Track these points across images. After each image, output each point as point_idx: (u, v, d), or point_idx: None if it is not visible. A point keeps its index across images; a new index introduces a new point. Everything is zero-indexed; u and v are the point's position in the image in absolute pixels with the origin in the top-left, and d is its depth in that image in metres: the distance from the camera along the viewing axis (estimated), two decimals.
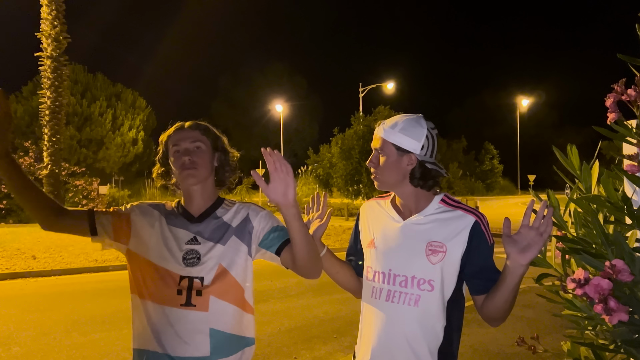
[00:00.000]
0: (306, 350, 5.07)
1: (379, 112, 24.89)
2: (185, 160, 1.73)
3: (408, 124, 1.65)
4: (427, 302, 1.57)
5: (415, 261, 1.59)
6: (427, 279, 1.57)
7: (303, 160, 30.71)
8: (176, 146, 1.76)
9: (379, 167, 1.67)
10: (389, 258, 1.64)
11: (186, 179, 1.74)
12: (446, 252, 1.57)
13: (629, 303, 1.00)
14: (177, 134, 1.79)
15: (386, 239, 1.67)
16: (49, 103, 17.55)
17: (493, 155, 62.50)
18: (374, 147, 1.70)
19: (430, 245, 1.58)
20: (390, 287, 1.61)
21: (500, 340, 5.26)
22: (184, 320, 1.65)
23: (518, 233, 1.40)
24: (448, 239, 1.58)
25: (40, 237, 14.53)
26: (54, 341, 5.34)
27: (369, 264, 1.71)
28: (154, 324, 1.69)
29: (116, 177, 34.44)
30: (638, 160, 1.12)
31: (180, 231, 1.75)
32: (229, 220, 1.79)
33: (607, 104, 1.16)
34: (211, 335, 1.66)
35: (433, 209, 1.64)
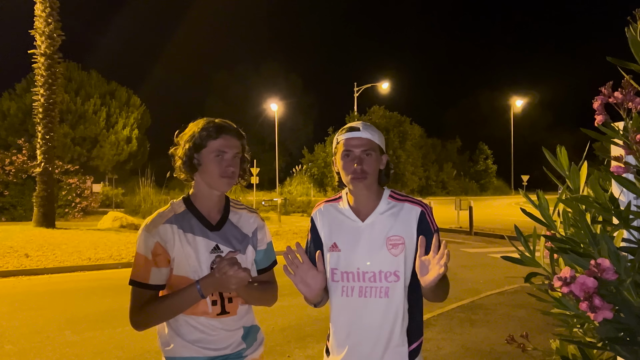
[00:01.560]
0: (299, 348, 5.08)
1: (374, 111, 24.96)
2: (230, 170, 1.79)
3: (372, 127, 1.80)
4: (394, 292, 1.72)
5: (380, 257, 1.73)
6: (392, 270, 1.72)
7: (298, 160, 30.78)
8: (222, 152, 1.79)
9: (370, 167, 1.74)
10: (355, 258, 1.75)
11: (222, 187, 1.81)
12: (405, 244, 1.73)
13: (614, 301, 1.02)
14: (225, 138, 1.80)
15: (349, 241, 1.77)
16: (43, 101, 17.45)
17: (487, 155, 62.77)
18: (358, 149, 1.74)
19: (390, 240, 1.73)
20: (361, 283, 1.74)
21: (491, 339, 5.30)
22: (222, 327, 1.81)
23: (425, 259, 1.60)
24: (403, 231, 1.74)
25: (33, 235, 14.48)
26: (47, 339, 5.33)
27: (333, 267, 1.78)
28: (191, 333, 1.79)
29: (110, 176, 34.31)
30: (624, 161, 1.15)
31: (203, 240, 1.79)
32: (244, 228, 1.90)
33: (594, 106, 1.18)
34: (243, 332, 1.88)
35: (385, 206, 1.78)
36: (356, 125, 1.79)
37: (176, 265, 1.77)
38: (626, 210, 1.15)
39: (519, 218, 1.47)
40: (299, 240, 14.53)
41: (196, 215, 1.82)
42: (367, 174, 1.73)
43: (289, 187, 39.93)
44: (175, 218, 1.80)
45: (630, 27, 1.20)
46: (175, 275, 1.77)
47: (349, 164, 1.74)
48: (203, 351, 1.78)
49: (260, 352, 1.97)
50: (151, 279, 1.73)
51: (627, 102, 1.12)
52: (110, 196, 28.68)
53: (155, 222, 1.77)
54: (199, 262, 1.76)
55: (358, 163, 1.72)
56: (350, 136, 1.76)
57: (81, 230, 16.71)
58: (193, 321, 1.78)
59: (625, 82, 1.13)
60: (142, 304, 1.73)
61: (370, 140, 1.75)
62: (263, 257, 1.95)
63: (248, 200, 27.87)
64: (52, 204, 17.94)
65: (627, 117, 1.14)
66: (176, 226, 1.77)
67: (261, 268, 1.96)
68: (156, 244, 1.74)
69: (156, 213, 1.83)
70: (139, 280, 1.74)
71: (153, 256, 1.74)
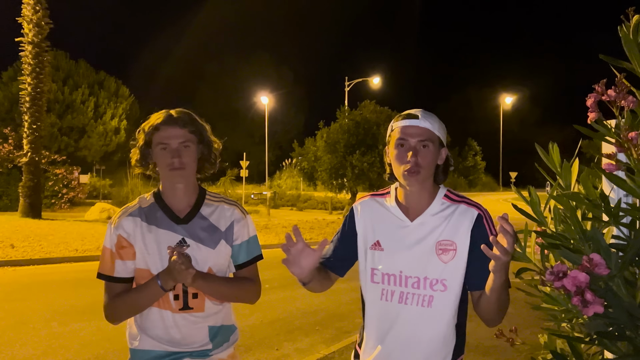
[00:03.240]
0: (288, 341, 5.10)
1: (365, 106, 24.92)
2: (174, 162, 1.72)
3: (434, 116, 1.62)
4: (440, 303, 1.56)
5: (427, 261, 1.57)
6: (439, 278, 1.56)
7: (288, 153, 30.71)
8: (164, 144, 1.73)
9: (425, 161, 1.56)
10: (399, 260, 1.60)
11: (173, 179, 1.75)
12: (456, 250, 1.56)
13: (605, 296, 1.04)
14: (166, 130, 1.74)
15: (395, 240, 1.62)
16: (30, 89, 17.22)
17: (476, 151, 63.11)
18: (415, 139, 1.56)
19: (440, 245, 1.56)
20: (402, 288, 1.58)
21: (479, 333, 5.34)
22: (183, 323, 1.76)
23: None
24: (456, 236, 1.56)
25: (19, 225, 14.33)
26: (33, 330, 5.29)
27: (373, 266, 1.64)
28: (154, 327, 1.76)
29: (98, 166, 34.03)
30: (616, 159, 1.16)
31: (167, 233, 1.75)
32: (216, 222, 1.82)
33: (587, 104, 1.19)
34: (209, 331, 1.81)
35: (438, 206, 1.61)
36: (415, 112, 1.59)
37: (138, 258, 1.75)
38: (616, 207, 1.17)
39: (508, 215, 1.48)
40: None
41: (163, 208, 1.79)
42: (422, 167, 1.54)
43: (278, 181, 39.88)
44: (140, 211, 1.78)
45: (623, 26, 1.21)
46: (138, 268, 1.76)
47: (402, 155, 1.55)
48: (163, 346, 1.76)
49: (229, 353, 1.89)
50: (116, 271, 1.75)
51: (620, 100, 1.13)
52: (98, 187, 28.42)
53: (119, 216, 1.79)
54: (160, 255, 1.73)
55: (413, 154, 1.53)
56: (407, 124, 1.56)
57: (68, 221, 16.56)
58: (158, 314, 1.75)
59: (619, 81, 1.14)
60: (111, 297, 1.76)
61: (429, 130, 1.56)
62: (240, 252, 1.86)
63: (237, 194, 27.79)
64: (39, 194, 17.76)
65: (619, 115, 1.15)
66: (139, 219, 1.76)
67: (239, 263, 1.86)
68: (119, 236, 1.75)
69: (124, 207, 1.84)
70: (105, 273, 1.77)
71: (117, 249, 1.75)
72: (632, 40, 1.18)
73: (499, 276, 1.39)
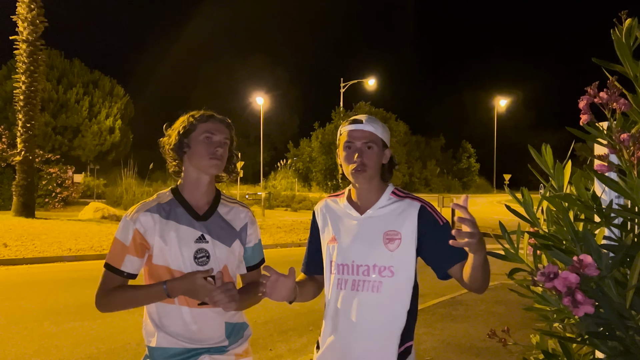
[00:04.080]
0: (282, 342, 5.10)
1: (360, 107, 24.98)
2: (218, 151, 1.79)
3: (377, 121, 1.79)
4: (388, 288, 1.69)
5: (375, 250, 1.71)
6: (387, 265, 1.70)
7: (283, 154, 30.71)
8: (211, 134, 1.80)
9: (370, 160, 1.72)
10: (351, 250, 1.74)
11: (210, 168, 1.79)
12: (401, 239, 1.70)
13: (595, 297, 1.05)
14: (213, 122, 1.82)
15: (347, 233, 1.77)
16: (24, 88, 17.13)
17: (470, 154, 63.32)
18: (360, 141, 1.73)
19: (387, 234, 1.71)
20: (354, 277, 1.73)
21: (472, 334, 5.37)
22: (203, 318, 1.79)
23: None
24: (401, 227, 1.71)
25: (12, 224, 14.25)
26: (26, 330, 5.26)
27: (331, 259, 1.78)
28: (173, 324, 1.78)
29: (92, 166, 33.90)
30: (608, 160, 1.17)
31: (187, 229, 1.78)
32: (232, 222, 1.88)
33: (580, 106, 1.20)
34: (226, 327, 1.85)
35: (385, 201, 1.76)
36: (360, 117, 1.77)
37: (156, 254, 1.76)
38: (608, 208, 1.18)
39: (501, 216, 1.49)
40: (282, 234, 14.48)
41: (182, 204, 1.81)
42: (367, 166, 1.71)
43: (273, 182, 39.87)
44: (159, 207, 1.80)
45: (616, 29, 1.23)
46: (155, 264, 1.77)
47: (349, 156, 1.73)
48: (181, 343, 1.77)
49: (245, 348, 1.95)
50: (124, 265, 1.75)
51: (612, 102, 1.14)
52: (92, 187, 28.30)
53: (137, 210, 1.79)
54: (181, 251, 1.75)
55: (359, 155, 1.71)
56: (353, 128, 1.75)
57: (61, 220, 16.48)
58: (176, 310, 1.77)
59: (611, 83, 1.16)
60: (109, 288, 1.75)
61: (372, 133, 1.73)
62: (252, 255, 1.94)
63: (232, 194, 27.69)
64: (32, 193, 17.67)
65: (611, 117, 1.16)
66: (158, 215, 1.77)
67: (250, 265, 1.95)
68: (135, 231, 1.75)
69: (140, 202, 1.84)
70: (112, 264, 1.76)
71: (132, 244, 1.75)
72: (624, 43, 1.20)
73: (479, 255, 1.46)
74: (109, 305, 1.77)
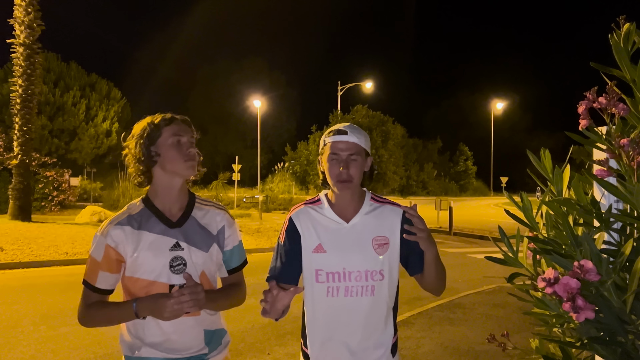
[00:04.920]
0: (279, 346, 5.08)
1: (357, 110, 25.02)
2: (192, 152, 1.76)
3: (360, 130, 1.83)
4: (380, 290, 1.78)
5: (365, 256, 1.77)
6: (377, 269, 1.77)
7: (280, 157, 30.70)
8: (179, 136, 1.75)
9: (356, 172, 1.76)
10: (341, 258, 1.77)
11: (187, 170, 1.75)
12: (389, 244, 1.78)
13: (596, 302, 1.05)
14: (177, 124, 1.77)
15: (335, 241, 1.79)
16: (21, 91, 17.09)
17: (467, 156, 63.47)
18: (345, 153, 1.75)
19: (376, 240, 1.78)
20: (347, 283, 1.76)
21: (470, 338, 5.37)
22: (181, 328, 1.74)
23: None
24: (388, 232, 1.79)
25: (8, 228, 14.19)
26: (22, 334, 5.23)
27: (317, 267, 1.78)
28: (152, 335, 1.74)
29: (88, 169, 33.82)
30: (607, 165, 1.17)
31: (161, 238, 1.73)
32: (208, 226, 1.82)
33: (579, 111, 1.20)
34: (205, 334, 1.80)
35: (367, 207, 1.82)
36: (343, 128, 1.79)
37: (129, 267, 1.71)
38: (607, 213, 1.18)
39: (498, 219, 1.50)
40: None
41: (155, 213, 1.75)
42: (353, 177, 1.75)
43: (270, 185, 39.80)
44: (129, 219, 1.74)
45: (614, 34, 1.23)
46: (129, 276, 1.73)
47: (334, 168, 1.75)
48: (161, 353, 1.73)
49: (224, 355, 1.90)
50: (98, 282, 1.73)
51: (611, 107, 1.14)
52: (89, 190, 28.26)
53: (107, 225, 1.74)
54: (155, 261, 1.70)
55: (344, 167, 1.74)
56: (338, 139, 1.76)
57: (58, 224, 16.42)
58: (153, 321, 1.71)
59: (609, 88, 1.16)
60: (88, 304, 1.74)
61: (356, 144, 1.76)
62: (232, 257, 1.89)
63: (229, 197, 27.73)
64: (29, 196, 17.60)
65: (610, 122, 1.16)
66: (129, 227, 1.72)
67: (231, 268, 1.90)
68: (106, 246, 1.71)
69: (111, 217, 1.79)
70: (88, 280, 1.75)
71: (104, 260, 1.71)
72: (622, 48, 1.20)
73: (431, 251, 1.69)
74: (89, 321, 1.75)
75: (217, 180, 25.67)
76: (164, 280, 1.71)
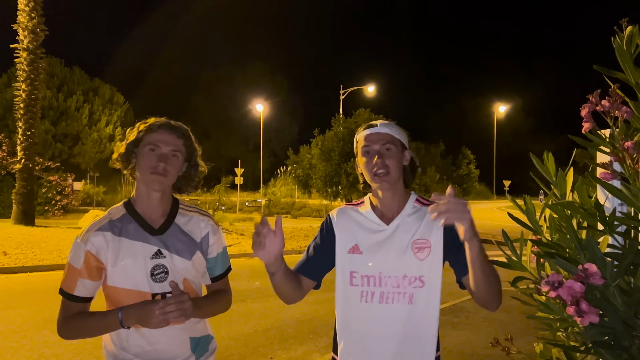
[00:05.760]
0: (282, 350, 5.07)
1: (359, 114, 24.98)
2: (159, 165, 1.68)
3: (392, 124, 1.75)
4: (420, 299, 1.63)
5: (404, 261, 1.64)
6: (417, 275, 1.63)
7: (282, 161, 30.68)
8: (154, 146, 1.70)
9: (392, 161, 1.66)
10: (378, 262, 1.66)
11: (152, 183, 1.70)
12: (431, 247, 1.64)
13: (600, 306, 1.04)
14: (161, 133, 1.72)
15: (373, 244, 1.68)
16: (24, 96, 17.15)
17: (470, 160, 63.34)
18: (377, 144, 1.67)
19: (416, 243, 1.64)
20: (382, 289, 1.64)
21: (474, 342, 5.35)
22: (165, 337, 1.70)
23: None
24: (429, 234, 1.65)
25: (12, 232, 14.22)
26: (25, 339, 5.23)
27: (352, 269, 1.68)
28: (136, 345, 1.70)
29: (91, 173, 33.88)
30: (611, 168, 1.17)
31: (142, 245, 1.68)
32: (191, 233, 1.78)
33: (582, 114, 1.20)
34: (191, 342, 1.77)
35: (410, 209, 1.71)
36: (374, 122, 1.74)
37: (110, 276, 1.66)
38: (611, 216, 1.17)
39: (501, 223, 1.49)
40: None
41: (136, 219, 1.71)
42: (389, 167, 1.65)
43: (273, 188, 39.82)
44: (110, 224, 1.69)
45: (617, 36, 1.23)
46: (110, 286, 1.68)
47: (369, 160, 1.67)
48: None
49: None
50: (77, 289, 1.66)
51: (614, 110, 1.14)
52: (92, 194, 28.28)
53: (87, 230, 1.69)
54: (136, 270, 1.66)
55: (379, 157, 1.65)
56: (369, 132, 1.70)
57: (61, 228, 16.45)
58: (137, 332, 1.67)
59: (612, 91, 1.16)
60: (68, 315, 1.66)
61: (388, 134, 1.69)
62: (216, 265, 1.84)
63: (232, 201, 27.70)
64: (32, 201, 17.64)
65: (613, 125, 1.16)
66: (110, 233, 1.67)
67: (215, 276, 1.85)
68: (87, 252, 1.65)
69: (92, 222, 1.73)
70: (65, 289, 1.68)
71: (84, 267, 1.65)
72: (625, 51, 1.20)
73: (473, 244, 1.40)
74: (70, 334, 1.67)
75: (219, 184, 25.66)
76: (146, 289, 1.66)
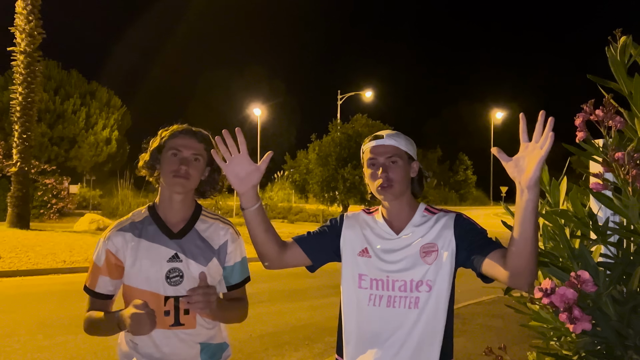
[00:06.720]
0: (277, 356, 5.05)
1: (357, 119, 25.03)
2: (181, 169, 1.71)
3: (399, 134, 1.73)
4: (426, 303, 1.61)
5: (412, 265, 1.63)
6: (424, 280, 1.62)
7: (280, 166, 30.66)
8: (177, 150, 1.74)
9: (396, 175, 1.65)
10: (386, 265, 1.66)
11: (174, 186, 1.73)
12: (438, 250, 1.63)
13: (592, 314, 1.04)
14: (182, 138, 1.76)
15: (382, 249, 1.69)
16: (21, 99, 17.10)
17: (467, 166, 63.51)
18: (382, 157, 1.67)
19: (424, 248, 1.64)
20: (390, 292, 1.64)
21: (469, 349, 5.34)
22: (174, 340, 1.71)
23: (518, 154, 1.29)
24: (437, 238, 1.64)
25: (6, 236, 14.14)
26: (18, 343, 5.20)
27: (361, 272, 1.69)
28: (146, 346, 1.72)
29: (88, 177, 33.76)
30: (603, 178, 1.17)
31: (160, 248, 1.72)
32: (210, 240, 1.80)
33: (576, 123, 1.20)
34: (201, 349, 1.76)
35: (419, 218, 1.71)
36: (380, 133, 1.72)
37: (127, 275, 1.72)
38: (604, 226, 1.18)
39: (498, 229, 1.49)
40: None
41: (157, 222, 1.76)
42: (394, 181, 1.64)
43: (269, 193, 39.77)
44: (132, 226, 1.76)
45: (611, 47, 1.23)
46: (127, 285, 1.73)
47: (374, 173, 1.67)
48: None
49: None
50: (98, 286, 1.74)
51: (608, 120, 1.14)
52: (88, 198, 28.18)
53: (111, 230, 1.76)
54: (152, 271, 1.69)
55: (383, 171, 1.64)
56: (375, 144, 1.69)
57: (56, 232, 16.37)
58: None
59: (606, 101, 1.16)
60: (89, 310, 1.75)
61: (395, 147, 1.67)
62: (233, 274, 1.85)
63: (228, 205, 27.68)
64: (27, 204, 17.56)
65: (607, 135, 1.16)
66: (130, 234, 1.73)
67: (231, 285, 1.86)
68: (107, 251, 1.73)
69: (117, 221, 1.81)
70: (88, 286, 1.76)
71: (105, 264, 1.73)
72: (619, 61, 1.20)
73: (535, 192, 1.23)
74: (87, 329, 1.76)
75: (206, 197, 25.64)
76: (159, 292, 1.69)
